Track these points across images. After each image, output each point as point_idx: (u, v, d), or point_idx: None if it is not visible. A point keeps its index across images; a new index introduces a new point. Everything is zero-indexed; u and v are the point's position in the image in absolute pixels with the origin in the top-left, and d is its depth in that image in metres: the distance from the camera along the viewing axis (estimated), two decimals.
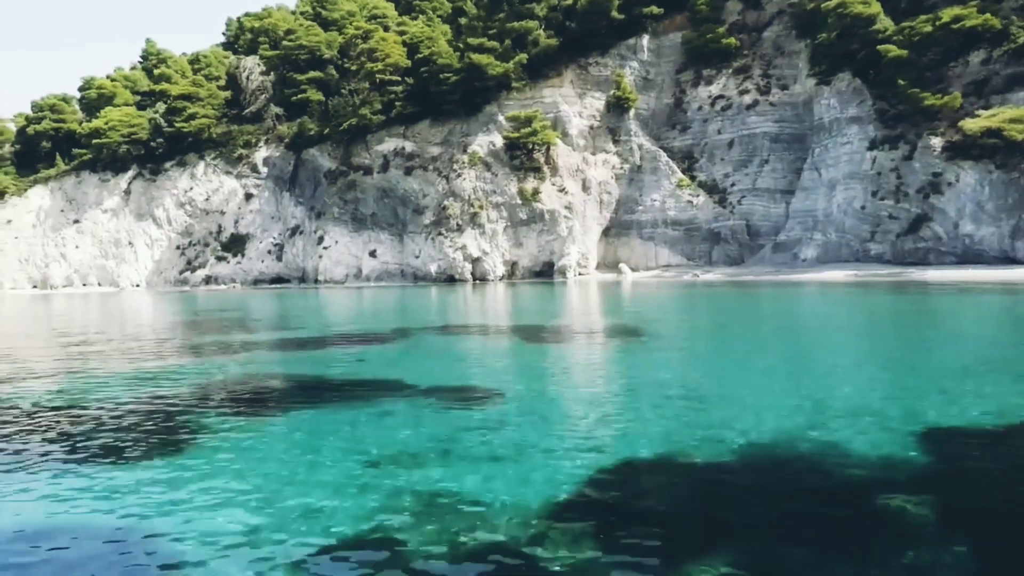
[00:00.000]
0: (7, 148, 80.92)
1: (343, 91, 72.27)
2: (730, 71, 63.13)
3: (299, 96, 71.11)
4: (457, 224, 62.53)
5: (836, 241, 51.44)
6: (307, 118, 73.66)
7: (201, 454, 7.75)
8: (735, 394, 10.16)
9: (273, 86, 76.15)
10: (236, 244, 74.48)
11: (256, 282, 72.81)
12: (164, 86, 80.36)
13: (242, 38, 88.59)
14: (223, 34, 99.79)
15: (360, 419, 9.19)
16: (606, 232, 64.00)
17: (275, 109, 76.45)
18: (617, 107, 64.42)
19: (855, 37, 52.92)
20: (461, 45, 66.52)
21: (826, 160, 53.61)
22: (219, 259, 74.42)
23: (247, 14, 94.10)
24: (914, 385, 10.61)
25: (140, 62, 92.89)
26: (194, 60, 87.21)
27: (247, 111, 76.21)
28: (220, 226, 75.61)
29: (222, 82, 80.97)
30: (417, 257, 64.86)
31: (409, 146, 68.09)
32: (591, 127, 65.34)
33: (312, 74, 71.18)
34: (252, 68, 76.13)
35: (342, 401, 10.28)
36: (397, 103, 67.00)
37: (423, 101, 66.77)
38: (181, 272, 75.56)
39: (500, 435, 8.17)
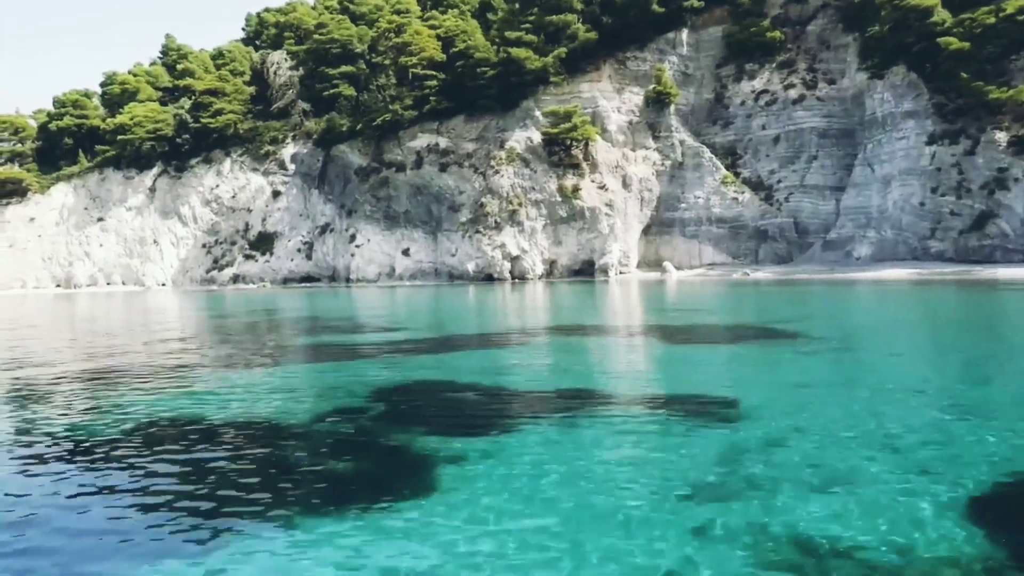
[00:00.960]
0: (28, 145, 79.45)
1: (372, 86, 71.01)
2: (773, 65, 61.82)
3: (331, 91, 69.76)
4: (495, 222, 61.19)
5: (892, 239, 50.13)
6: (335, 114, 72.35)
7: (449, 484, 6.35)
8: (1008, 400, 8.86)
9: (301, 81, 74.77)
10: (264, 242, 73.12)
11: (285, 281, 71.43)
12: (188, 81, 79.03)
13: (265, 33, 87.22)
14: (243, 29, 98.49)
15: (605, 435, 7.81)
16: (646, 230, 62.67)
17: (302, 105, 75.11)
18: (657, 102, 63.06)
19: (910, 30, 51.63)
20: (496, 38, 65.17)
21: (880, 156, 52.29)
22: (247, 258, 73.06)
23: (268, 9, 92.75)
24: None
25: (160, 58, 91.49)
26: (216, 55, 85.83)
27: (274, 107, 74.83)
28: (247, 224, 74.25)
29: (247, 77, 79.63)
30: (453, 255, 63.50)
31: (443, 142, 66.74)
32: (630, 123, 63.99)
33: (344, 68, 69.83)
34: (279, 63, 74.74)
35: (563, 413, 8.88)
36: (431, 98, 65.61)
37: (458, 96, 65.40)
38: (208, 271, 74.20)
39: (786, 455, 6.83)
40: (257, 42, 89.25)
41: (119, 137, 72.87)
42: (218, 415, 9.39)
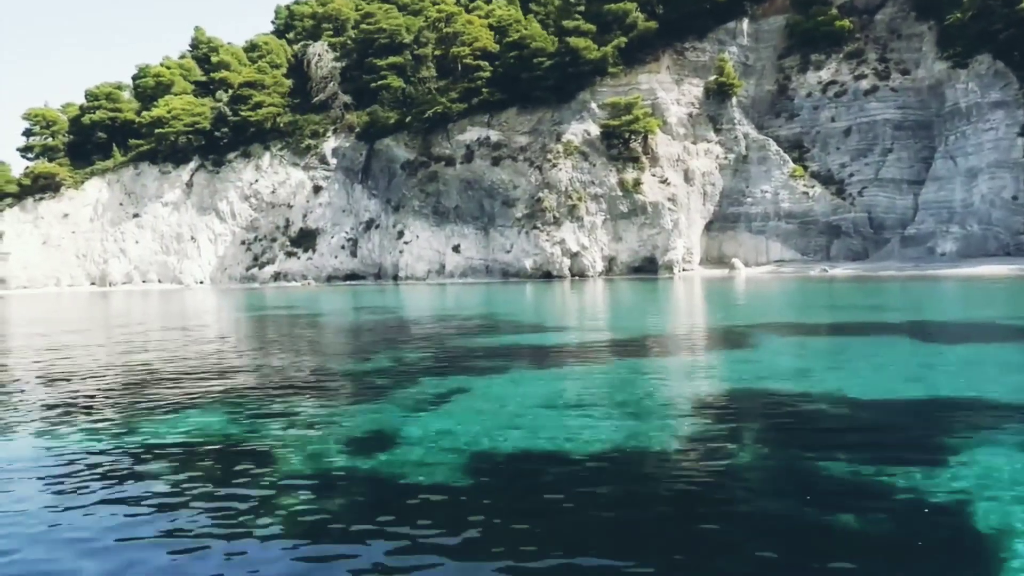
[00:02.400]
0: (60, 139, 77.25)
1: (416, 77, 68.96)
2: (841, 56, 59.83)
3: (379, 83, 67.59)
4: (554, 217, 59.14)
5: (980, 234, 48.13)
6: (378, 107, 70.27)
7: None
8: None
9: (342, 73, 72.66)
10: (306, 239, 70.99)
11: (329, 279, 69.31)
12: (224, 74, 76.95)
13: (299, 25, 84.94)
14: (272, 22, 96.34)
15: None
16: (708, 226, 60.68)
17: (343, 97, 73.01)
18: (719, 93, 61.05)
19: (995, 16, 49.65)
20: (550, 27, 63.12)
21: (964, 148, 50.29)
22: (288, 255, 70.93)
23: (300, 1, 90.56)
24: None
25: (189, 51, 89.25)
26: (249, 48, 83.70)
27: (315, 99, 72.68)
28: (288, 220, 72.12)
29: (283, 70, 77.49)
30: (508, 252, 61.42)
31: (494, 135, 64.65)
32: (690, 115, 61.97)
33: (392, 59, 67.64)
34: (321, 54, 72.56)
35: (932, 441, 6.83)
36: (484, 90, 63.50)
37: (510, 88, 63.30)
38: (248, 269, 72.06)
39: None
40: (289, 35, 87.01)
41: (156, 131, 70.68)
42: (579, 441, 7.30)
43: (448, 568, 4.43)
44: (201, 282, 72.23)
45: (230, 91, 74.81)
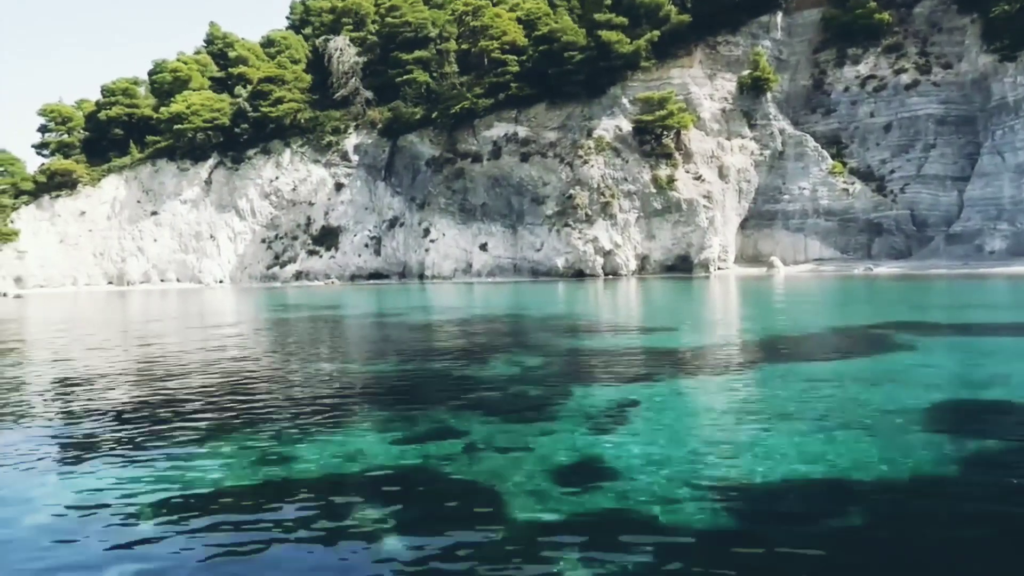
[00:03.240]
0: (76, 135, 75.85)
1: (438, 72, 67.69)
2: (879, 49, 58.49)
3: (404, 77, 66.23)
4: (586, 214, 57.81)
5: None
6: (401, 102, 68.94)
7: None
8: None
9: (363, 68, 71.30)
10: (328, 237, 69.65)
11: (353, 278, 67.97)
12: (242, 69, 75.65)
13: (316, 20, 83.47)
14: (287, 18, 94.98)
15: None
16: (743, 224, 59.37)
17: (365, 93, 71.67)
18: (753, 88, 59.71)
19: None
20: (580, 18, 61.76)
21: (1013, 143, 48.98)
22: (310, 253, 69.61)
23: None
24: None
25: (204, 47, 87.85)
26: (266, 43, 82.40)
27: (337, 95, 71.29)
28: (309, 218, 70.78)
29: (302, 65, 76.11)
30: (538, 250, 60.10)
31: (522, 131, 63.31)
32: (723, 110, 60.67)
33: (419, 53, 66.27)
34: (343, 48, 71.16)
35: None
36: (512, 84, 62.13)
37: (539, 83, 61.95)
38: (268, 267, 70.74)
39: None
40: (305, 30, 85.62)
41: (175, 127, 69.29)
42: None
43: None
44: (221, 281, 70.90)
45: (248, 87, 73.48)
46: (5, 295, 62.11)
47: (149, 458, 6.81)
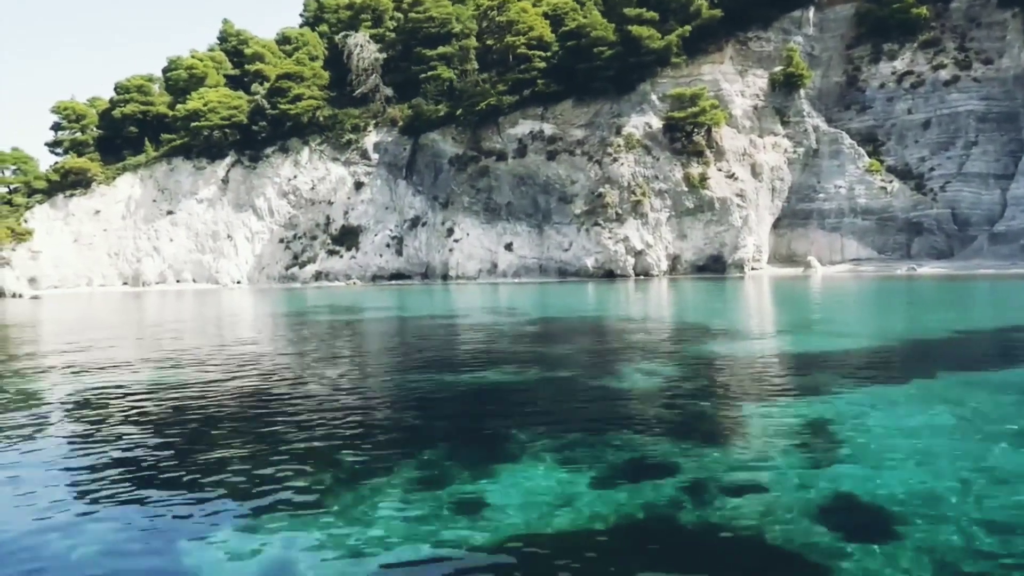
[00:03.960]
0: (89, 133, 74.40)
1: (459, 69, 66.36)
2: (915, 45, 57.23)
3: (428, 73, 64.86)
4: (616, 213, 56.50)
5: None
6: (422, 99, 67.62)
7: None
8: None
9: (384, 64, 69.95)
10: (348, 237, 68.26)
11: (374, 278, 66.58)
12: (258, 66, 74.24)
13: (331, 16, 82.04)
14: (300, 15, 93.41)
15: None
16: (775, 223, 58.09)
17: (385, 90, 70.34)
18: (785, 85, 58.45)
19: None
20: (608, 13, 60.43)
21: None
22: (330, 253, 68.21)
23: None
24: None
25: (218, 44, 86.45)
26: (281, 40, 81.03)
27: (357, 92, 69.95)
28: (328, 217, 69.39)
29: (319, 63, 74.72)
30: (566, 250, 58.77)
31: (548, 128, 62.00)
32: (755, 107, 59.41)
33: (442, 49, 64.90)
34: (363, 44, 69.80)
35: None
36: (539, 81, 60.81)
37: (567, 79, 60.64)
38: (287, 268, 69.34)
39: None
40: (319, 27, 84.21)
41: (193, 124, 67.87)
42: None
43: None
44: (238, 282, 69.49)
45: (265, 84, 72.11)
46: (19, 296, 60.72)
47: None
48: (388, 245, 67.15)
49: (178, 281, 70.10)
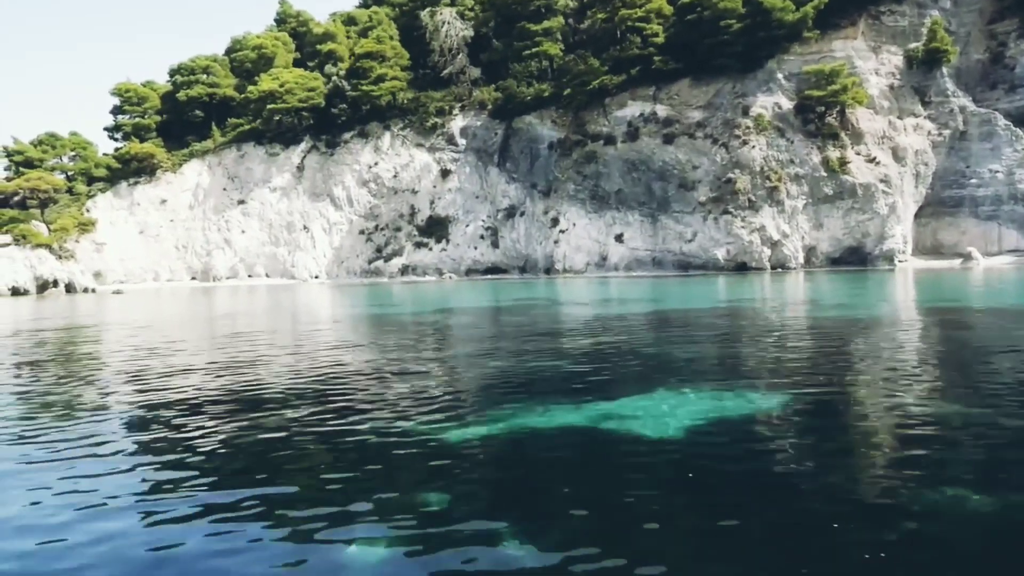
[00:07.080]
0: (151, 118, 69.36)
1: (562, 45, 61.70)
2: None
3: (533, 50, 60.04)
4: (748, 200, 51.81)
5: None
6: (513, 81, 62.83)
7: None
8: None
9: (475, 41, 65.12)
10: (436, 228, 63.41)
11: (468, 272, 61.73)
12: (331, 46, 69.23)
13: None
14: None
15: None
16: (917, 212, 53.43)
17: (473, 71, 65.54)
18: (925, 62, 53.79)
19: None
20: None
21: None
22: (418, 246, 63.36)
23: None
24: None
25: (275, 26, 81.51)
26: (348, 20, 76.02)
27: (444, 72, 65.12)
28: (413, 207, 64.52)
29: (396, 43, 69.79)
30: (689, 241, 54.02)
31: (661, 110, 57.23)
32: (891, 87, 54.74)
33: (547, 24, 60.09)
34: (450, 22, 64.94)
35: None
36: (656, 58, 56.05)
37: (684, 56, 55.91)
38: (370, 261, 64.46)
39: None
40: (383, 8, 79.13)
41: (268, 107, 62.94)
42: None
43: None
44: (316, 276, 64.56)
45: (338, 64, 67.22)
46: (90, 291, 55.69)
47: None
48: (482, 237, 62.31)
49: (250, 276, 65.21)
